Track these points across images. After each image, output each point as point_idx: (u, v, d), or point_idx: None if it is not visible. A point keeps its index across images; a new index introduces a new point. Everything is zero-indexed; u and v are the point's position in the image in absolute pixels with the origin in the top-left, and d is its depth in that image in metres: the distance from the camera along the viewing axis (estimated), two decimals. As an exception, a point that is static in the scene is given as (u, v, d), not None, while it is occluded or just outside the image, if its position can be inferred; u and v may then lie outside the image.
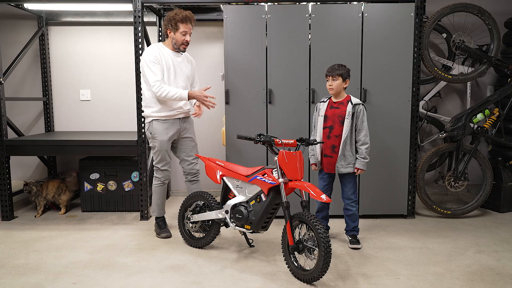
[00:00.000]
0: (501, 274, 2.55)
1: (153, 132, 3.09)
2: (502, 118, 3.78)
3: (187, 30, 3.04)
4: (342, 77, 2.87)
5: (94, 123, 4.47)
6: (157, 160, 3.15)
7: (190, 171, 3.22)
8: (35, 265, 2.68)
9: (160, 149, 3.10)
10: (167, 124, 3.08)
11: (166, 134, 3.07)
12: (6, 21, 4.33)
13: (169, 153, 3.16)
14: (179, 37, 3.04)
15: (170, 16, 3.03)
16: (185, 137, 3.19)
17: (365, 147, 2.88)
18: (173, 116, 3.09)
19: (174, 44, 3.07)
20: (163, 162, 3.15)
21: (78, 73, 4.41)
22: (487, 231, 3.32)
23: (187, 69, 3.16)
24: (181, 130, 3.16)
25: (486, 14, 3.67)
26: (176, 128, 3.12)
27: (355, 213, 2.97)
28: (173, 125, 3.10)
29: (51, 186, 3.80)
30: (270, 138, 2.62)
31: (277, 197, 2.58)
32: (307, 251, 2.42)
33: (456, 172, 3.66)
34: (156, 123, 3.07)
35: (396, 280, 2.47)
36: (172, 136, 3.12)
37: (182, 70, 3.12)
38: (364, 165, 2.88)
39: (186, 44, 3.08)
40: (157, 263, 2.71)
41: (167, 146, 3.11)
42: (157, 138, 3.08)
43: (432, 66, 3.65)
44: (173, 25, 3.02)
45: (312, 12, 3.41)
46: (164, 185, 3.22)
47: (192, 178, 3.25)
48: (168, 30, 3.06)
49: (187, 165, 3.22)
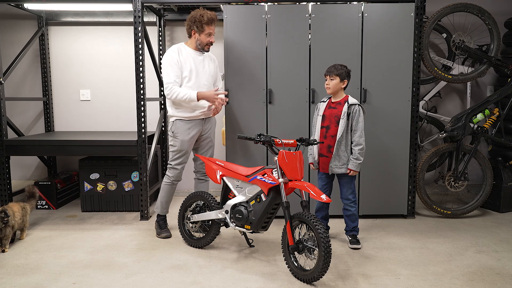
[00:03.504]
0: (501, 274, 2.55)
1: (175, 131, 3.10)
2: (502, 118, 3.78)
3: (211, 32, 3.05)
4: (340, 77, 2.87)
5: (94, 123, 4.47)
6: (173, 158, 3.15)
7: (200, 170, 3.26)
8: (35, 265, 2.68)
9: (180, 149, 3.10)
10: (190, 124, 3.10)
11: (188, 134, 3.09)
12: (6, 21, 4.33)
13: (189, 152, 3.16)
14: (204, 39, 3.04)
15: (195, 17, 3.01)
16: (205, 137, 3.20)
17: (358, 148, 2.87)
18: (196, 117, 3.10)
19: (198, 45, 3.07)
20: (179, 161, 3.15)
21: (78, 73, 4.41)
22: (487, 231, 3.32)
23: (210, 68, 3.16)
24: (203, 131, 3.17)
25: (486, 14, 3.67)
26: (198, 128, 3.13)
27: (355, 213, 2.97)
28: (196, 126, 3.11)
29: (17, 211, 3.06)
30: (270, 138, 2.63)
31: (277, 197, 2.58)
32: (307, 251, 2.42)
33: (456, 172, 3.66)
34: (179, 122, 3.09)
35: (396, 280, 2.47)
36: (194, 136, 3.12)
37: (204, 68, 3.11)
38: (357, 166, 2.86)
39: (210, 45, 3.10)
40: (157, 263, 2.71)
41: (188, 146, 3.11)
42: (178, 137, 3.09)
43: (432, 66, 3.65)
44: (198, 27, 3.01)
45: (312, 12, 3.41)
46: (173, 185, 3.22)
47: (201, 177, 3.27)
48: (192, 31, 3.06)
49: (199, 163, 3.25)
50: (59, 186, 4.03)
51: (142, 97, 3.53)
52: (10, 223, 2.90)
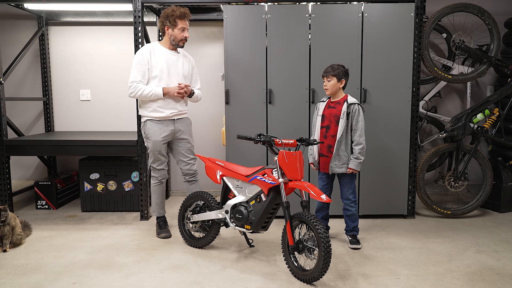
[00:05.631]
0: (501, 274, 2.55)
1: (146, 132, 3.10)
2: (502, 118, 3.78)
3: (185, 26, 3.04)
4: (337, 77, 2.87)
5: (94, 123, 4.47)
6: (151, 160, 3.16)
7: (187, 172, 3.21)
8: (35, 265, 2.68)
9: (153, 149, 3.10)
10: (161, 125, 3.07)
11: (160, 134, 3.06)
12: (6, 21, 4.33)
13: (164, 153, 3.15)
14: (178, 34, 3.04)
15: (168, 13, 3.02)
16: (180, 138, 3.16)
17: (359, 148, 2.87)
18: (167, 117, 3.07)
19: (172, 41, 3.06)
20: (158, 162, 3.15)
21: (78, 73, 4.41)
22: (487, 231, 3.32)
23: (184, 68, 3.14)
24: (176, 132, 3.13)
25: (486, 14, 3.67)
26: (170, 129, 3.10)
27: (355, 213, 2.97)
28: (167, 126, 3.09)
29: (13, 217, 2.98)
30: (270, 138, 2.63)
31: (277, 197, 2.58)
32: (307, 251, 2.42)
33: (456, 172, 3.66)
34: (150, 123, 3.08)
35: (396, 280, 2.47)
36: (166, 137, 3.10)
37: (177, 69, 3.09)
38: (357, 165, 2.86)
39: (185, 40, 3.07)
40: (157, 263, 2.71)
41: (160, 147, 3.10)
42: (150, 138, 3.08)
43: (432, 66, 3.65)
44: (171, 22, 3.01)
45: (312, 12, 3.41)
46: (162, 184, 3.22)
47: (190, 179, 3.24)
48: (166, 27, 3.05)
49: (184, 166, 3.20)
50: (59, 186, 4.03)
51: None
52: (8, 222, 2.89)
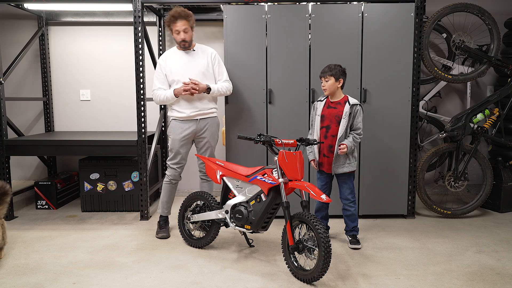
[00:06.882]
0: (501, 274, 2.55)
1: (169, 130, 3.18)
2: (502, 118, 3.78)
3: (178, 29, 3.02)
4: (335, 77, 2.87)
5: (94, 123, 4.47)
6: (170, 157, 3.20)
7: (202, 170, 3.27)
8: (35, 265, 2.68)
9: (172, 147, 3.16)
10: (183, 124, 3.12)
11: (180, 133, 3.11)
12: (6, 21, 4.33)
13: (181, 152, 3.16)
14: (175, 37, 3.07)
15: (166, 17, 3.07)
16: (200, 137, 3.18)
17: (356, 133, 2.89)
18: (189, 117, 3.10)
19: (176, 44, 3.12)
20: (173, 161, 3.18)
21: (78, 73, 4.41)
22: (487, 231, 3.32)
23: (200, 65, 3.11)
24: (197, 131, 3.15)
25: (486, 14, 3.66)
26: (193, 128, 3.12)
27: (354, 213, 2.97)
28: (189, 126, 3.12)
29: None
30: (270, 138, 2.63)
31: (277, 197, 2.58)
32: (307, 251, 2.42)
33: (456, 172, 3.66)
34: (174, 122, 3.15)
35: (396, 280, 2.47)
36: (186, 136, 3.12)
37: (193, 68, 3.09)
38: (350, 144, 2.82)
39: (184, 43, 3.06)
40: (157, 263, 2.71)
41: (179, 145, 3.12)
42: (170, 136, 3.16)
43: (432, 66, 3.65)
44: (168, 26, 3.07)
45: (312, 12, 3.41)
46: (172, 184, 3.24)
47: (203, 177, 3.29)
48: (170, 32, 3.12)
49: (200, 163, 3.26)
50: (59, 186, 4.03)
51: (142, 97, 3.54)
52: None
